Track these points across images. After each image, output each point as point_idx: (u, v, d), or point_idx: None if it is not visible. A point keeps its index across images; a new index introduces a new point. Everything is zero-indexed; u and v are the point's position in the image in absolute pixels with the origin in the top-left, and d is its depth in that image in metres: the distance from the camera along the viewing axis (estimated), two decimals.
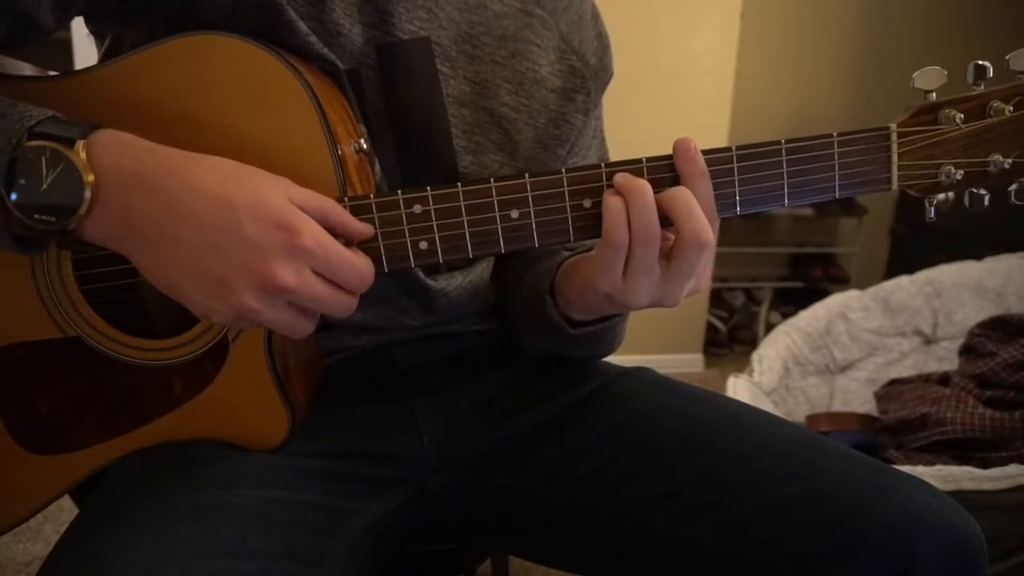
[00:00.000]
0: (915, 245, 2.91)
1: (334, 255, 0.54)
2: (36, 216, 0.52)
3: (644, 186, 0.57)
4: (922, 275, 2.00)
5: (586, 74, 0.76)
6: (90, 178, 0.52)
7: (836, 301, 1.96)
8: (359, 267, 0.55)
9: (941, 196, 0.62)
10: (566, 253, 0.73)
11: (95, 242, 0.54)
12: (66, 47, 1.87)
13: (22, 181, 0.52)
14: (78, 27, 1.85)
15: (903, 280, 2.00)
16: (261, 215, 0.52)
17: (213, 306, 0.53)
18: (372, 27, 0.66)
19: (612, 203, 0.57)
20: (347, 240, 0.56)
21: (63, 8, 0.61)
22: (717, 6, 2.32)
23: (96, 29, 0.70)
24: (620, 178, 0.58)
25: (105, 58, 0.69)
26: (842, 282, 2.98)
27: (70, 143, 0.52)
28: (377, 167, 0.67)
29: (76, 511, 0.64)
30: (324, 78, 0.63)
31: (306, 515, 0.63)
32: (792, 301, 2.96)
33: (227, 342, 0.63)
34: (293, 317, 0.55)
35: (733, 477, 0.67)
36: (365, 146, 0.62)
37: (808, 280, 3.04)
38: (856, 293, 1.98)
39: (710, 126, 2.38)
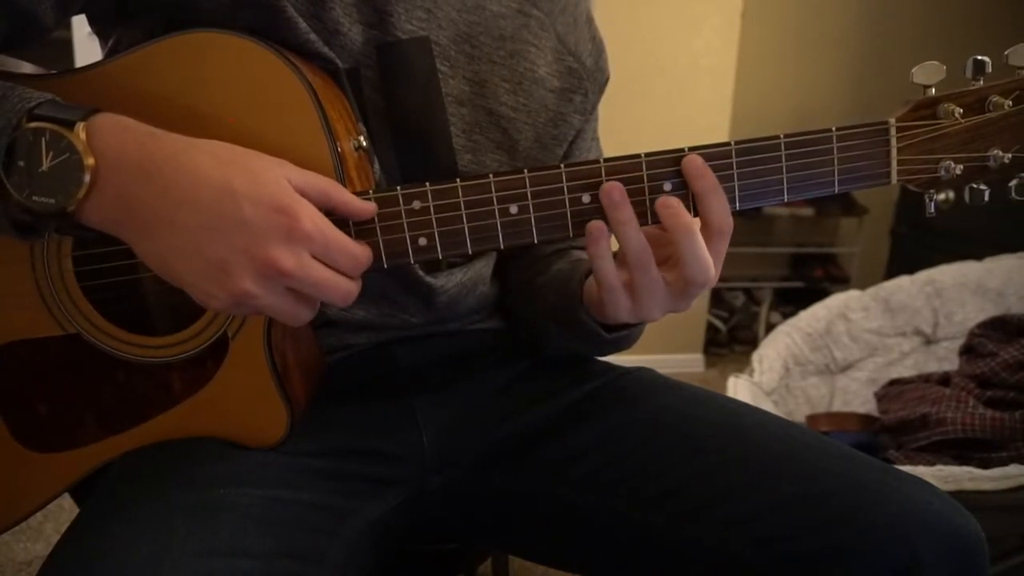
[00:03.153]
0: (915, 245, 2.91)
1: (332, 239, 0.53)
2: (35, 198, 0.52)
3: (627, 213, 0.58)
4: (922, 275, 2.00)
5: (583, 75, 0.76)
6: (90, 161, 0.52)
7: (836, 301, 1.96)
8: (355, 252, 0.55)
9: (942, 196, 0.62)
10: (577, 252, 0.73)
11: (94, 227, 0.54)
12: (66, 47, 1.87)
13: (21, 163, 0.52)
14: (78, 27, 1.85)
15: (903, 280, 2.00)
16: (260, 199, 0.51)
17: (211, 291, 0.53)
18: (371, 27, 0.66)
19: (596, 252, 0.58)
20: (349, 218, 0.56)
21: (63, 6, 0.61)
22: (718, 6, 2.32)
23: (98, 28, 0.70)
24: (596, 228, 0.58)
25: (107, 57, 0.69)
26: (842, 282, 2.98)
27: (70, 125, 0.52)
28: (376, 165, 0.67)
29: (76, 510, 0.64)
30: (324, 76, 0.63)
31: (306, 514, 0.63)
32: (792, 301, 2.96)
33: (227, 339, 0.63)
34: (292, 303, 0.54)
35: (734, 476, 0.66)
36: (364, 144, 0.62)
37: (808, 280, 3.04)
38: (856, 293, 1.98)
39: (710, 126, 2.38)
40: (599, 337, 0.70)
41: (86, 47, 1.90)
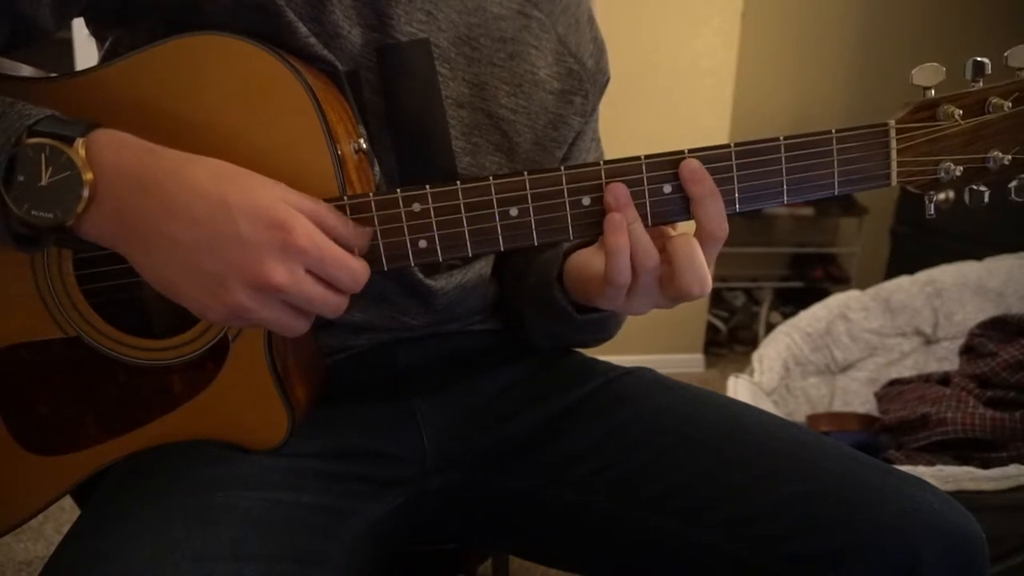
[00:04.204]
0: (915, 245, 2.91)
1: (328, 254, 0.54)
2: (34, 213, 0.52)
3: (633, 214, 0.58)
4: (922, 275, 2.00)
5: (583, 76, 0.76)
6: (88, 176, 0.52)
7: (836, 301, 1.96)
8: (353, 267, 0.55)
9: (941, 196, 0.62)
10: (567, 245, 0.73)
11: (92, 240, 0.54)
12: (67, 47, 1.87)
13: (21, 178, 0.52)
14: (79, 27, 1.85)
15: (903, 280, 2.00)
16: (255, 213, 0.52)
17: (207, 304, 0.53)
18: (371, 29, 0.66)
19: (618, 244, 0.58)
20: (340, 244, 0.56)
21: (62, 9, 0.61)
22: (718, 6, 2.32)
23: (96, 31, 0.70)
24: (619, 218, 0.58)
25: (105, 59, 0.69)
26: (842, 282, 2.98)
27: (69, 141, 0.52)
28: (377, 168, 0.68)
29: (77, 511, 0.64)
30: (323, 78, 0.63)
31: (306, 516, 0.63)
32: (792, 301, 2.96)
33: (227, 342, 0.63)
34: (287, 316, 0.55)
35: (734, 477, 0.67)
36: (365, 146, 0.63)
37: (808, 280, 3.04)
38: (856, 293, 1.98)
39: (711, 126, 2.38)
40: (571, 318, 0.70)
41: (86, 48, 1.90)
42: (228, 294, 0.52)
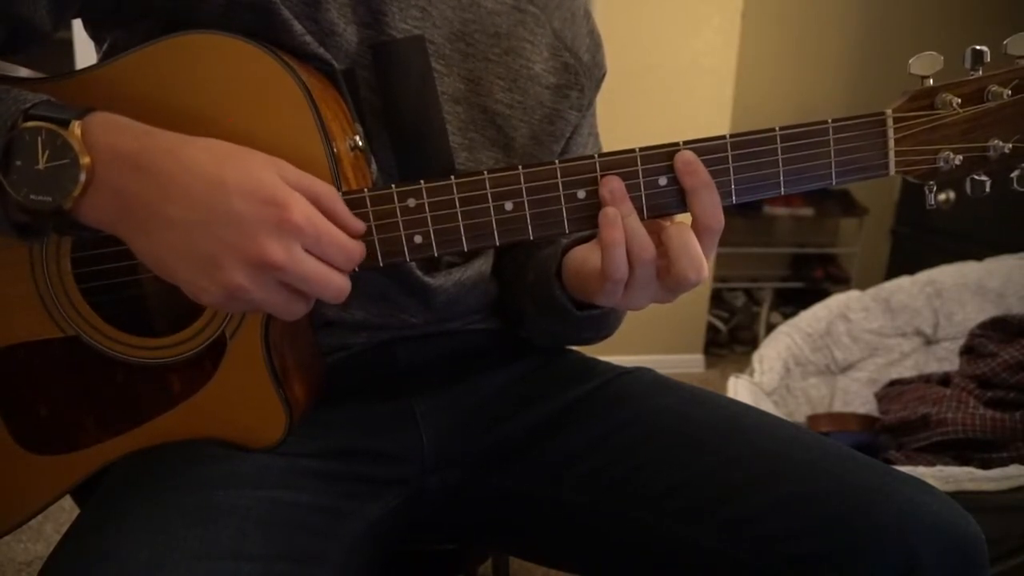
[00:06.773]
0: (916, 245, 2.91)
1: (323, 232, 0.53)
2: (32, 197, 0.52)
3: (628, 207, 0.58)
4: (923, 275, 2.00)
5: (579, 70, 0.76)
6: (86, 159, 0.52)
7: (837, 301, 1.96)
8: (347, 245, 0.55)
9: (942, 196, 0.62)
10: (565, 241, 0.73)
11: (91, 224, 0.54)
12: (67, 47, 1.87)
13: (18, 162, 0.52)
14: (79, 27, 1.85)
15: (904, 280, 2.00)
16: (251, 191, 0.52)
17: (203, 285, 0.53)
18: (366, 27, 0.66)
19: (613, 238, 0.57)
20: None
21: (59, 11, 0.61)
22: (718, 6, 2.32)
23: (94, 32, 0.70)
24: (612, 212, 0.58)
25: (103, 59, 0.69)
26: (843, 282, 2.98)
27: (65, 124, 0.52)
28: (374, 165, 0.67)
29: (77, 511, 0.64)
30: (319, 76, 0.63)
31: (305, 516, 0.63)
32: (793, 301, 2.96)
33: (224, 340, 0.63)
34: (284, 297, 0.54)
35: (733, 477, 0.66)
36: (361, 143, 0.62)
37: (809, 280, 3.04)
38: (857, 293, 1.98)
39: (711, 125, 2.38)
40: (571, 315, 0.70)
41: (87, 47, 1.90)
42: (224, 274, 0.52)
